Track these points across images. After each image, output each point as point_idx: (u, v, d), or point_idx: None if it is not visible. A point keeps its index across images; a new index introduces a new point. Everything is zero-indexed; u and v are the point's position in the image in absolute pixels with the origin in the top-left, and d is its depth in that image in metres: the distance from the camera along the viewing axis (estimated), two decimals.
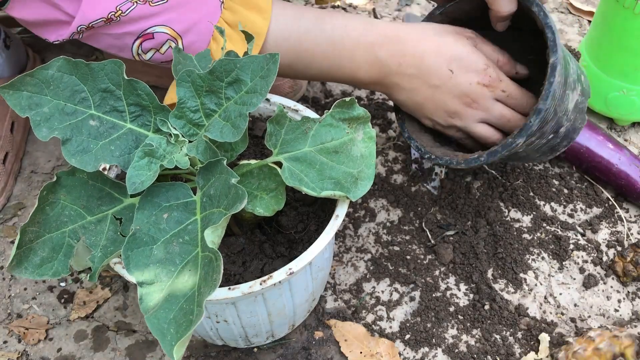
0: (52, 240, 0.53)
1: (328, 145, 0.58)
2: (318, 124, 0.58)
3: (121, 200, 0.54)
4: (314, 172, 0.57)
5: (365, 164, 0.58)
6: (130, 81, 0.52)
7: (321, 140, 0.58)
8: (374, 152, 0.59)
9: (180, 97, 0.52)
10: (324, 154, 0.58)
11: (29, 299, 0.78)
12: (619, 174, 0.84)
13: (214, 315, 0.60)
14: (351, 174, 0.57)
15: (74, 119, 0.51)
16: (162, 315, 0.45)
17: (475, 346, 0.72)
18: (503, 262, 0.79)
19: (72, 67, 0.51)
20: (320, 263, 0.63)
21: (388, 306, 0.76)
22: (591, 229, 0.83)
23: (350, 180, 0.57)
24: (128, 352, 0.72)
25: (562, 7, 1.21)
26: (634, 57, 0.86)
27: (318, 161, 0.57)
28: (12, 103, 0.49)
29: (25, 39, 1.11)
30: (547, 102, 0.61)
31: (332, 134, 0.58)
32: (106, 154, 0.51)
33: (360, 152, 0.58)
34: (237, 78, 0.52)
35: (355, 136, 0.58)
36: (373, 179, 0.58)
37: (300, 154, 0.57)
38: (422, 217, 0.84)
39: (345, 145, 0.58)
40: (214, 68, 0.51)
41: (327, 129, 0.58)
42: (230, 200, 0.47)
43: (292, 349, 0.72)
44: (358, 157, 0.58)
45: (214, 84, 0.52)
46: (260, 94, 0.51)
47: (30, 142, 0.95)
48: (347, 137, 0.58)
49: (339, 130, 0.58)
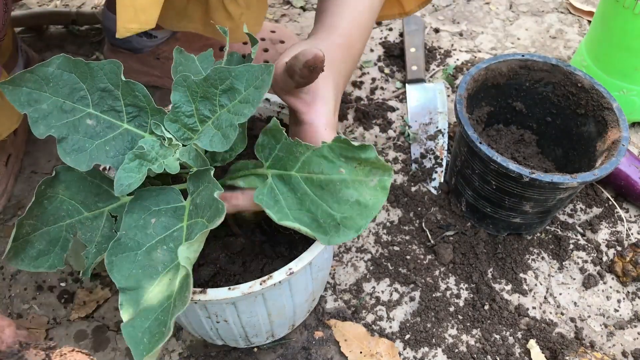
0: (49, 234, 0.53)
1: (314, 177, 0.52)
2: (311, 151, 0.52)
3: (117, 198, 0.55)
4: (294, 199, 0.53)
5: (360, 213, 0.51)
6: (127, 82, 0.52)
7: (309, 170, 0.52)
8: (379, 206, 0.51)
9: (176, 101, 0.52)
10: (309, 185, 0.52)
11: (29, 299, 0.78)
12: (618, 175, 0.84)
13: (214, 315, 0.60)
14: (332, 217, 0.51)
15: (71, 117, 0.51)
16: (138, 324, 0.45)
17: (475, 346, 0.72)
18: (503, 262, 0.79)
19: (71, 65, 0.51)
20: (320, 263, 0.63)
21: (388, 306, 0.76)
22: (591, 229, 0.83)
23: (330, 223, 0.51)
24: (128, 352, 0.72)
25: (562, 7, 1.21)
26: (634, 57, 0.86)
27: (301, 189, 0.53)
28: (12, 99, 0.50)
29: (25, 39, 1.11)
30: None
31: (322, 166, 0.52)
32: (101, 154, 0.52)
33: (360, 199, 0.51)
34: (232, 86, 0.51)
35: (355, 178, 0.51)
36: (361, 232, 0.51)
37: (287, 176, 0.54)
38: (422, 217, 0.84)
39: (334, 185, 0.51)
40: (208, 75, 0.51)
41: (319, 160, 0.52)
42: (212, 212, 0.46)
43: (292, 348, 0.72)
44: (351, 202, 0.51)
45: (208, 90, 0.52)
46: (252, 105, 0.50)
47: (31, 143, 0.95)
48: (339, 177, 0.51)
49: (332, 166, 0.51)
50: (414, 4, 0.87)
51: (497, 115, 0.86)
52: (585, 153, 0.78)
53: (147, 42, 0.95)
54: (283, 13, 1.20)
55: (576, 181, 0.66)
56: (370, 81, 1.05)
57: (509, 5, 1.22)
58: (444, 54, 1.10)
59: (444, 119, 0.96)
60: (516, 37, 1.14)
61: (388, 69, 1.07)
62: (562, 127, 0.82)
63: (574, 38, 1.13)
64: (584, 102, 0.77)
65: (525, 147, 0.86)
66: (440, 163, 0.90)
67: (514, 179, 0.69)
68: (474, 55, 1.10)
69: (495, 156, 0.68)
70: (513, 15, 1.19)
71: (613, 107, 0.74)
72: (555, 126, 0.83)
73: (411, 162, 0.91)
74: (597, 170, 0.67)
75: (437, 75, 1.07)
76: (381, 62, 1.09)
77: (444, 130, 0.94)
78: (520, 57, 0.80)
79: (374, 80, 1.05)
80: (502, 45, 1.13)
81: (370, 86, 1.04)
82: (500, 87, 0.82)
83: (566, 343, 0.71)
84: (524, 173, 0.67)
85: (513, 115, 0.86)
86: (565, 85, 0.79)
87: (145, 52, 0.96)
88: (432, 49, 1.11)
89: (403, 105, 1.01)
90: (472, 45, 1.12)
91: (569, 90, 0.79)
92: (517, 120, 0.86)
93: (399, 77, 1.06)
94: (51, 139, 0.51)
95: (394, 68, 1.08)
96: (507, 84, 0.82)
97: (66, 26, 1.14)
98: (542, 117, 0.84)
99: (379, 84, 1.05)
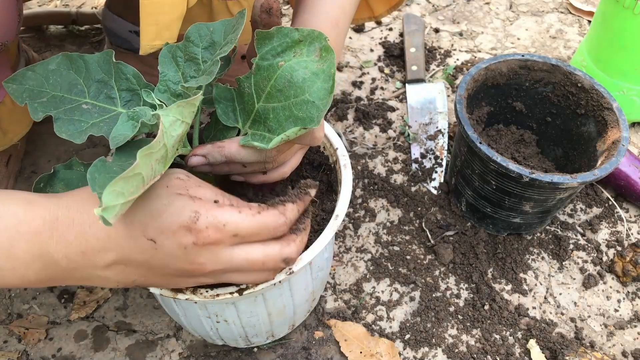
0: None
1: (270, 92, 0.51)
2: (253, 76, 0.52)
3: None
4: (275, 122, 0.52)
5: (322, 79, 0.50)
6: (118, 64, 0.53)
7: (268, 91, 0.52)
8: (333, 63, 0.50)
9: (162, 71, 0.54)
10: (274, 101, 0.52)
11: (29, 299, 0.78)
12: (618, 175, 0.84)
13: (214, 315, 0.60)
14: (306, 102, 0.50)
15: (69, 106, 0.52)
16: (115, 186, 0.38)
17: (475, 346, 0.72)
18: (503, 262, 0.79)
19: (69, 61, 0.52)
20: (320, 263, 0.63)
21: (388, 306, 0.76)
22: (591, 229, 0.83)
23: (308, 108, 0.50)
24: (128, 352, 0.72)
25: (562, 7, 1.21)
26: (634, 57, 0.87)
27: (272, 111, 0.52)
28: (14, 95, 0.51)
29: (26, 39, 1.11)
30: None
31: (268, 78, 0.51)
32: (95, 130, 0.52)
33: (313, 70, 0.50)
34: (212, 41, 0.53)
35: (302, 59, 0.50)
36: (333, 92, 0.50)
37: (256, 116, 0.53)
38: (422, 217, 0.84)
39: (284, 78, 0.51)
40: (189, 33, 0.53)
41: (262, 75, 0.52)
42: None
43: (292, 349, 0.72)
44: (308, 78, 0.50)
45: (191, 50, 0.53)
46: (230, 43, 0.51)
47: (31, 143, 0.95)
48: (282, 70, 0.50)
49: (271, 66, 0.51)
50: (383, 8, 0.91)
51: (497, 115, 0.86)
52: (585, 153, 0.78)
53: None
54: (283, 13, 1.20)
55: (576, 181, 0.66)
56: (370, 81, 1.05)
57: (509, 5, 1.22)
58: (444, 54, 1.10)
59: (444, 119, 0.96)
60: (516, 37, 1.14)
61: (388, 69, 1.07)
62: (562, 127, 0.82)
63: (574, 38, 1.13)
64: (584, 102, 0.77)
65: (525, 147, 0.86)
66: (440, 163, 0.90)
67: (514, 179, 0.69)
68: (474, 55, 1.10)
69: (495, 156, 0.68)
70: (513, 15, 1.19)
71: (613, 107, 0.74)
72: (555, 126, 0.83)
73: (411, 162, 0.91)
74: (597, 170, 0.67)
75: (437, 75, 1.07)
76: (381, 62, 1.09)
77: (444, 130, 0.94)
78: (520, 57, 0.80)
79: (374, 80, 1.05)
80: (502, 45, 1.13)
81: (370, 86, 1.04)
82: (500, 87, 0.82)
83: (566, 343, 0.71)
84: (524, 173, 0.67)
85: (513, 115, 0.86)
86: (565, 85, 0.79)
87: None
88: (432, 49, 1.11)
89: (403, 105, 1.01)
90: (472, 45, 1.12)
91: (569, 90, 0.79)
92: (517, 120, 0.87)
93: (399, 77, 1.06)
94: (51, 141, 0.51)
95: (394, 68, 1.08)
96: (507, 84, 0.82)
97: (66, 26, 1.14)
98: (542, 117, 0.84)
99: (379, 84, 1.05)
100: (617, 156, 0.69)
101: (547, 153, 0.85)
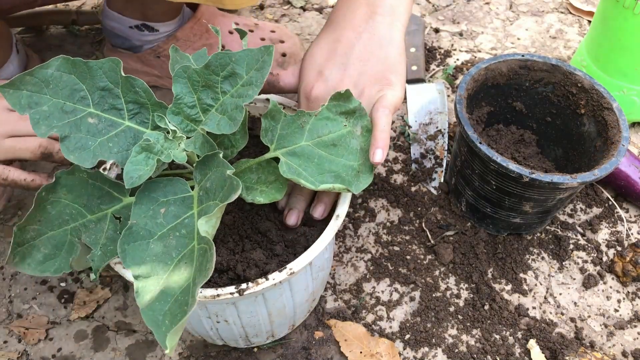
0: (54, 238, 0.53)
1: (325, 139, 0.58)
2: (314, 118, 0.58)
3: (120, 199, 0.55)
4: (312, 166, 0.57)
5: (365, 157, 0.57)
6: (127, 78, 0.52)
7: (318, 134, 0.58)
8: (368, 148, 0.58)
9: (177, 93, 0.52)
10: (321, 148, 0.57)
11: (29, 299, 0.78)
12: (618, 175, 0.84)
13: (214, 315, 0.60)
14: (352, 167, 0.57)
15: (72, 117, 0.51)
16: (157, 307, 0.44)
17: (475, 346, 0.72)
18: (503, 262, 0.79)
19: (71, 66, 0.51)
20: (320, 263, 0.63)
21: (388, 306, 0.76)
22: (591, 229, 0.83)
23: (351, 174, 0.57)
24: (128, 352, 0.72)
25: (562, 7, 1.21)
26: (634, 57, 0.87)
27: (316, 155, 0.57)
28: (12, 102, 0.49)
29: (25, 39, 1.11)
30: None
31: (329, 127, 0.58)
32: (104, 151, 0.52)
33: (359, 146, 0.58)
34: (233, 72, 0.52)
35: (353, 130, 0.58)
36: (373, 172, 0.57)
37: (298, 149, 0.57)
38: (422, 217, 0.84)
39: (344, 138, 0.58)
40: (209, 62, 0.52)
41: (323, 123, 0.58)
42: (226, 192, 0.46)
43: (292, 349, 0.72)
44: (357, 150, 0.58)
45: (209, 78, 0.52)
46: (255, 86, 0.51)
47: None
48: (345, 130, 0.58)
49: (336, 123, 0.58)
50: None
51: (497, 115, 0.86)
52: (585, 153, 0.78)
53: (148, 36, 0.94)
54: (283, 13, 1.20)
55: (576, 181, 0.66)
56: None
57: (509, 5, 1.22)
58: (444, 54, 1.10)
59: (444, 119, 0.96)
60: (516, 37, 1.14)
61: None
62: (562, 127, 0.82)
63: (574, 38, 1.13)
64: (584, 102, 0.77)
65: (525, 147, 0.86)
66: (440, 163, 0.90)
67: (514, 179, 0.69)
68: (474, 55, 1.10)
69: (495, 156, 0.68)
70: (513, 15, 1.19)
71: (613, 107, 0.74)
72: (555, 126, 0.83)
73: (411, 162, 0.91)
74: (597, 170, 0.67)
75: (437, 75, 1.07)
76: None
77: (444, 130, 0.94)
78: (520, 57, 0.80)
79: None
80: (502, 45, 1.13)
81: None
82: (500, 87, 0.82)
83: (566, 343, 0.71)
84: (524, 173, 0.67)
85: (513, 115, 0.86)
86: (565, 85, 0.79)
87: (145, 51, 0.96)
88: (432, 49, 1.11)
89: (403, 105, 1.01)
90: (472, 45, 1.12)
91: (569, 90, 0.79)
92: (517, 120, 0.86)
93: None
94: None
95: None
96: (507, 84, 0.82)
97: (66, 26, 1.14)
98: (542, 117, 0.84)
99: None
100: (617, 156, 0.69)
101: (547, 153, 0.85)
